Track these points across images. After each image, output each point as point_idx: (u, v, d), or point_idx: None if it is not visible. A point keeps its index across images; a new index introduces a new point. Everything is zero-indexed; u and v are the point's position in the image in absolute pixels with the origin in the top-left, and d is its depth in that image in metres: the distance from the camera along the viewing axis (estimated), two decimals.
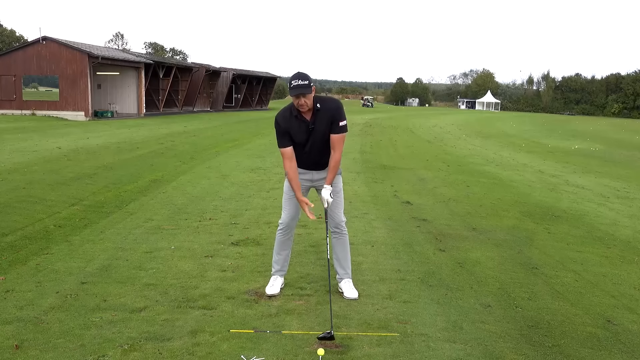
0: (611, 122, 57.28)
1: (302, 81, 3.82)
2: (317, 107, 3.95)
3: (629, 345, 3.58)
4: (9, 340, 3.29)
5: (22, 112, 29.66)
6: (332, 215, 4.22)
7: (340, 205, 4.25)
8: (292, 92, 3.86)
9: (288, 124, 3.99)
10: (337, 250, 4.30)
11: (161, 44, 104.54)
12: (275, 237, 4.33)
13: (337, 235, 4.28)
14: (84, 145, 15.03)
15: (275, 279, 4.30)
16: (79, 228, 6.07)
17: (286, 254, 4.34)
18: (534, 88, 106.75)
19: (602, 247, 6.15)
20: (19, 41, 65.00)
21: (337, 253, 4.31)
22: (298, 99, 3.86)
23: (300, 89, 3.82)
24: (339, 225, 4.25)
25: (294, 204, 4.21)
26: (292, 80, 3.86)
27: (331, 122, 3.97)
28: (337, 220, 4.24)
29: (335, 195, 4.17)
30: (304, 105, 3.90)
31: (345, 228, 4.28)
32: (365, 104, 77.94)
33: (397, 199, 8.44)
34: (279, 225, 4.30)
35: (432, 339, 3.49)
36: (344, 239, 4.29)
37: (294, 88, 3.84)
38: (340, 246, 4.29)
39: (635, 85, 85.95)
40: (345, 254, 4.31)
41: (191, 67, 39.60)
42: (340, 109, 4.02)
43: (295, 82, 3.84)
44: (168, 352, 3.21)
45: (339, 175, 4.21)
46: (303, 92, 3.82)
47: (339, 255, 4.30)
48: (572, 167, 14.60)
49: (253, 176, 10.27)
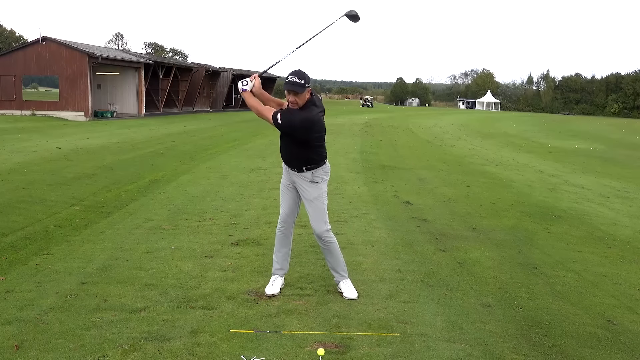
0: (611, 122, 57.28)
1: (297, 79, 3.79)
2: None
3: (629, 345, 3.58)
4: (9, 341, 3.29)
5: (22, 112, 29.65)
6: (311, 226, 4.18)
7: (315, 215, 4.09)
8: (285, 86, 3.87)
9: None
10: (327, 258, 4.28)
11: (161, 44, 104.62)
12: (335, 244, 4.23)
13: (322, 245, 4.21)
14: (84, 145, 15.03)
15: (275, 278, 4.29)
16: (79, 228, 6.07)
17: (285, 252, 4.32)
18: (533, 88, 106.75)
19: (602, 247, 6.15)
20: (19, 41, 65.02)
21: (328, 260, 4.29)
22: (289, 94, 3.86)
23: (292, 86, 3.80)
24: (320, 236, 4.13)
25: (290, 199, 4.20)
26: (289, 76, 3.82)
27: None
28: (316, 231, 4.13)
29: (308, 205, 4.10)
30: (294, 103, 3.88)
31: (329, 237, 4.14)
32: (365, 104, 77.89)
33: (397, 199, 8.44)
34: (278, 224, 4.31)
35: (432, 339, 3.49)
36: (330, 247, 4.18)
37: (288, 83, 3.83)
38: (329, 254, 4.23)
39: (635, 85, 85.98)
40: (335, 260, 4.23)
41: (191, 67, 39.61)
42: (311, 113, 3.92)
43: (291, 78, 3.80)
44: (168, 352, 3.21)
45: (315, 184, 4.06)
46: (295, 90, 3.80)
47: (331, 263, 4.28)
48: (572, 167, 14.60)
49: (253, 176, 10.27)
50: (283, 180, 4.29)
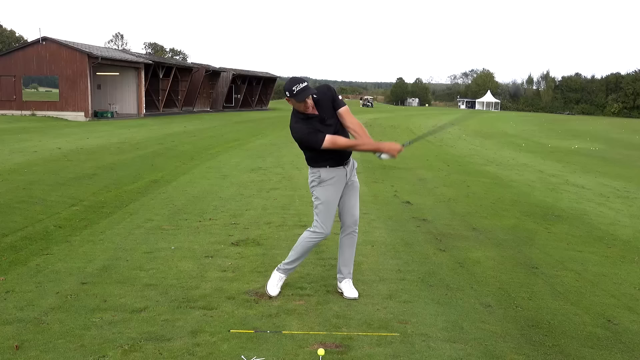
0: (611, 122, 57.28)
1: (302, 84, 3.75)
2: (315, 97, 3.89)
3: (630, 344, 3.58)
4: (9, 341, 3.29)
5: (22, 112, 29.67)
6: (352, 212, 4.19)
7: (358, 204, 4.28)
8: (299, 98, 3.73)
9: (309, 124, 3.88)
10: (348, 250, 4.26)
11: (161, 44, 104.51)
12: (305, 242, 4.11)
13: (352, 234, 4.25)
14: (84, 145, 15.03)
15: (282, 279, 4.25)
16: (79, 228, 6.07)
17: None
18: (533, 88, 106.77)
19: (603, 246, 6.15)
20: (19, 41, 65.02)
21: (346, 252, 4.26)
22: (304, 102, 3.78)
23: (307, 91, 3.75)
24: (357, 222, 4.26)
25: (334, 212, 4.12)
26: (293, 87, 3.73)
27: (332, 101, 3.95)
28: (356, 217, 4.25)
29: (356, 192, 4.21)
30: (310, 106, 3.84)
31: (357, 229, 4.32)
32: (364, 104, 77.92)
33: (397, 198, 8.44)
34: (315, 234, 4.08)
35: (432, 339, 3.49)
36: (356, 240, 4.30)
37: (300, 92, 3.72)
38: (351, 248, 4.27)
39: (635, 84, 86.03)
40: (353, 252, 4.30)
41: (191, 68, 39.60)
42: (332, 88, 4.02)
43: (297, 87, 3.73)
44: (168, 352, 3.21)
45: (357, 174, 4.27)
46: (311, 92, 3.76)
47: (347, 255, 4.26)
48: (572, 167, 14.60)
49: (253, 176, 10.27)
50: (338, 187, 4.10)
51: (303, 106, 3.82)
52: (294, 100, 3.79)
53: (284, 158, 13.44)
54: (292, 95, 3.76)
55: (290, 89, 3.77)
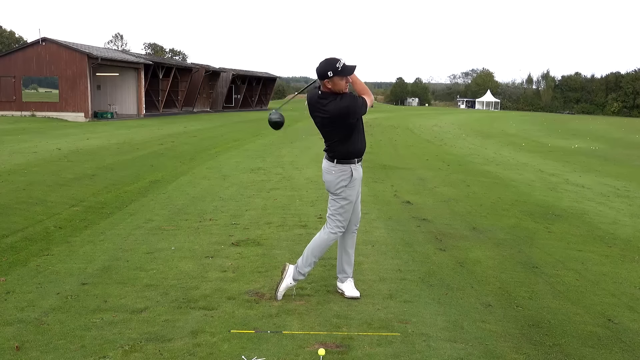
0: (611, 121, 57.28)
1: (341, 60, 3.65)
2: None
3: (630, 344, 3.58)
4: (9, 342, 3.29)
5: (22, 113, 29.66)
6: (357, 211, 4.20)
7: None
8: (347, 71, 3.63)
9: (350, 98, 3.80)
10: (351, 248, 4.25)
11: (160, 44, 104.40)
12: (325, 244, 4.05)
13: (355, 233, 4.27)
14: (84, 146, 15.03)
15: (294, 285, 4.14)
16: (80, 229, 6.07)
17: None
18: (533, 87, 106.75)
19: (603, 246, 6.15)
20: (19, 42, 65.02)
21: (349, 250, 4.24)
22: (347, 78, 3.70)
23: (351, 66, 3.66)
24: (359, 220, 4.29)
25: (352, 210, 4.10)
26: (336, 64, 3.59)
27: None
28: (360, 215, 4.27)
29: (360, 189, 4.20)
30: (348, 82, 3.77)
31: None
32: None
33: (397, 198, 8.44)
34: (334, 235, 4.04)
35: (432, 339, 3.49)
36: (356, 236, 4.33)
37: (346, 67, 3.61)
38: (354, 245, 4.29)
39: (634, 83, 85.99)
40: (353, 254, 4.30)
41: (191, 68, 39.60)
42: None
43: (339, 63, 3.60)
44: (169, 352, 3.21)
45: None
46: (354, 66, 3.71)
47: (350, 253, 4.25)
48: (572, 166, 14.60)
49: (253, 176, 10.27)
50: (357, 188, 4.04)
51: (345, 82, 3.70)
52: (336, 78, 3.64)
53: (284, 158, 13.44)
54: (337, 73, 3.61)
55: (333, 68, 3.61)
